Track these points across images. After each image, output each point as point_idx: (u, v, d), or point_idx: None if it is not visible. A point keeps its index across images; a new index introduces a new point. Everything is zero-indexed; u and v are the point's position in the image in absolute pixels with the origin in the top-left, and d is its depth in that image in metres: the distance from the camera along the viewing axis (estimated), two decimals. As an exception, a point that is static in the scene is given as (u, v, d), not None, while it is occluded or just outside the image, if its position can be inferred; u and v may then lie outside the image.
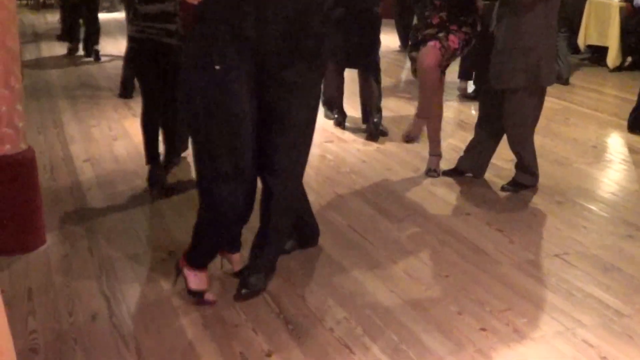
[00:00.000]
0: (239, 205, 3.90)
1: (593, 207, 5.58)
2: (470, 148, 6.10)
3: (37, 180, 4.70)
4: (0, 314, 2.25)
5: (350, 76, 7.64)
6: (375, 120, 7.21)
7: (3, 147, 4.47)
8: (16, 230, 4.57)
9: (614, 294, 4.29)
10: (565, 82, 9.67)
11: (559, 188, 5.93)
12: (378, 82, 7.26)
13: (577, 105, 8.90)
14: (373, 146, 6.98)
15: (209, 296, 4.11)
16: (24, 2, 17.83)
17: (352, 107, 7.84)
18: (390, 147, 7.00)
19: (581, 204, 5.63)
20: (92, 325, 3.92)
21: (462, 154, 6.20)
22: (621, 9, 10.43)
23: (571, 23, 10.25)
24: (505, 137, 5.86)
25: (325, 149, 6.88)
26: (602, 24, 10.68)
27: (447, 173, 6.17)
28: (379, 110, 7.29)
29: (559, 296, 4.25)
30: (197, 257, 4.08)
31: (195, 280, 4.07)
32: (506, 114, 5.63)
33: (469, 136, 6.24)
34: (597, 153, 6.98)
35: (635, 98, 7.98)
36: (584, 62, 11.20)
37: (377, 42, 7.17)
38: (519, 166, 5.86)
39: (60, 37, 12.01)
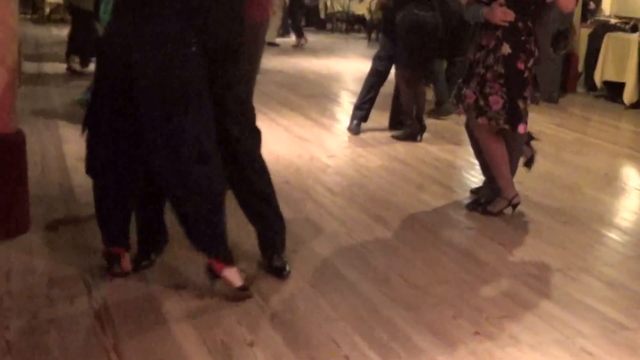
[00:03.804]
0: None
1: (601, 229, 5.40)
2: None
3: (25, 165, 4.57)
4: None
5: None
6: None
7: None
8: (1, 214, 4.42)
9: (617, 307, 4.11)
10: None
11: (566, 210, 5.76)
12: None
13: (590, 137, 8.74)
14: (375, 163, 6.83)
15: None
16: (28, 15, 17.57)
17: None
18: (394, 164, 6.86)
19: (588, 225, 5.45)
20: (69, 308, 3.77)
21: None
22: (640, 43, 10.29)
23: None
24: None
25: (326, 164, 6.72)
26: (620, 60, 10.51)
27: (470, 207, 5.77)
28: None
29: (559, 307, 4.07)
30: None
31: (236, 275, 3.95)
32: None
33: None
34: (609, 180, 6.81)
35: None
36: (599, 99, 11.02)
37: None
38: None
39: (69, 52, 10.96)
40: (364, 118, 8.00)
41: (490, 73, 5.24)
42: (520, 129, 5.29)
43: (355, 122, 8.00)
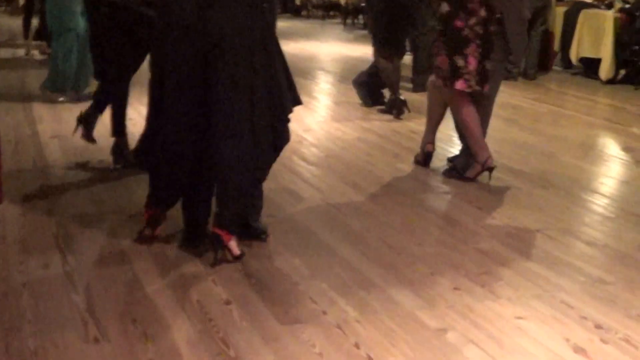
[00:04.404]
0: None
1: (579, 193, 5.38)
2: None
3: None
4: None
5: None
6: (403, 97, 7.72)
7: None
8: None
9: (596, 264, 4.09)
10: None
11: (543, 176, 5.73)
12: None
13: (566, 110, 8.73)
14: (352, 135, 6.80)
15: None
16: (2, 7, 17.46)
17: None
18: (370, 136, 6.83)
19: (566, 189, 5.42)
20: (43, 273, 3.72)
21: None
22: (616, 19, 10.23)
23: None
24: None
25: (302, 137, 6.66)
26: (595, 35, 10.48)
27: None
28: None
29: (538, 264, 4.04)
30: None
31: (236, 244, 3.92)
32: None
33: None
34: (586, 149, 6.78)
35: (628, 107, 8.10)
36: (576, 76, 11.02)
37: None
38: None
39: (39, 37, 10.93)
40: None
41: (436, 33, 5.35)
42: (457, 85, 5.28)
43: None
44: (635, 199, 5.29)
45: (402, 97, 7.67)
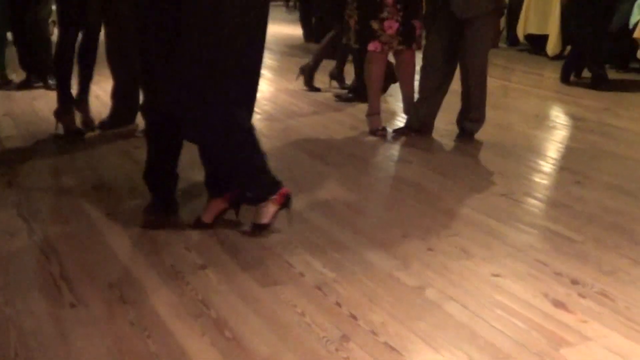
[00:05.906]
0: None
1: (537, 160, 5.42)
2: (418, 105, 5.87)
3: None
4: None
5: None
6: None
7: None
8: None
9: (564, 225, 4.11)
10: None
11: (502, 145, 5.78)
12: None
13: (516, 84, 8.83)
14: (307, 110, 6.78)
15: None
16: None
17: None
18: (326, 110, 6.84)
19: (526, 156, 5.47)
20: (9, 242, 3.63)
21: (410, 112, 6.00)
22: (563, -5, 10.31)
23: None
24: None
25: (256, 112, 6.59)
26: (542, 12, 10.57)
27: (397, 131, 5.91)
28: None
29: (507, 226, 4.06)
30: None
31: None
32: (469, 44, 5.47)
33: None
34: (540, 120, 6.86)
35: (577, 80, 8.29)
36: (523, 53, 11.12)
37: None
38: (470, 116, 5.69)
39: None
40: None
41: None
42: (370, 47, 5.65)
43: None
44: (594, 165, 5.34)
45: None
